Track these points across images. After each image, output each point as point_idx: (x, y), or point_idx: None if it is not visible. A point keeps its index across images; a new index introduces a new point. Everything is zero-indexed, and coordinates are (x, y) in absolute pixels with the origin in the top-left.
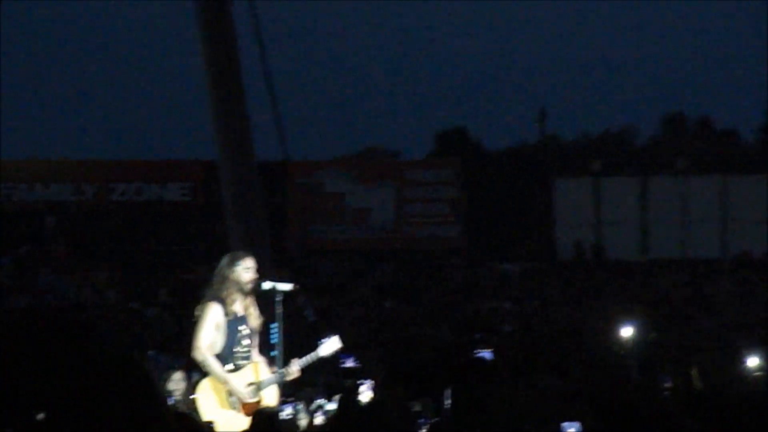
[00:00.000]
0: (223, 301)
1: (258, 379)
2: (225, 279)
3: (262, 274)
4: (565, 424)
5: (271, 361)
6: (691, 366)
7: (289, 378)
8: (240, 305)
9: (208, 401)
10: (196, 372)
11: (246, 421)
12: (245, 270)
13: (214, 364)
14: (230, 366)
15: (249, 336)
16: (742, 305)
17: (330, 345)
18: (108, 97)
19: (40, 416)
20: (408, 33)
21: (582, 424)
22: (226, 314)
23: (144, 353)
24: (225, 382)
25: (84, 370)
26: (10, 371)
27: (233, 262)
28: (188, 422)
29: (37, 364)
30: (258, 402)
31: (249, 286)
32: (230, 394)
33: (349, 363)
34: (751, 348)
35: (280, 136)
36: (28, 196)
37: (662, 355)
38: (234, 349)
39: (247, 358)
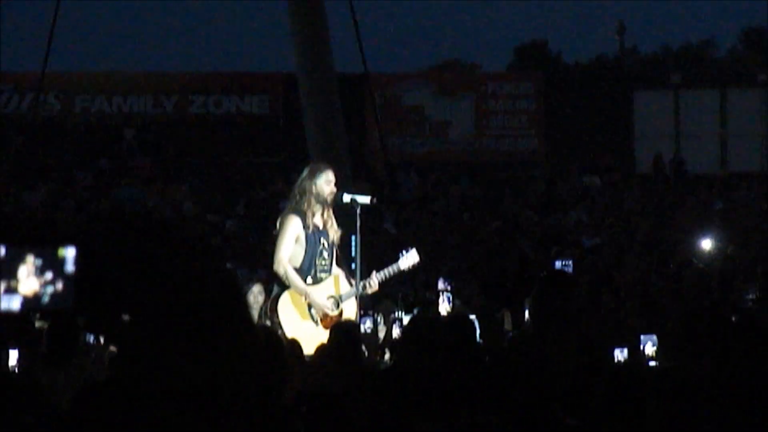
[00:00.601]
0: (303, 214)
1: (338, 292)
2: (305, 191)
3: (342, 186)
4: (643, 337)
5: (351, 274)
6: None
7: (370, 291)
8: (319, 218)
9: (288, 314)
10: (274, 285)
11: (325, 334)
12: (326, 182)
13: (294, 277)
14: (310, 279)
15: (329, 249)
16: None
17: (410, 258)
18: (186, 8)
19: (125, 318)
20: None
21: (659, 336)
22: (306, 227)
23: (223, 265)
24: (305, 295)
25: (170, 275)
26: (96, 274)
27: (314, 175)
28: (271, 335)
29: (123, 266)
30: (338, 315)
31: (329, 199)
32: (310, 306)
33: (442, 284)
34: None
35: (360, 49)
36: (107, 108)
37: (741, 268)
38: (314, 262)
39: (327, 270)
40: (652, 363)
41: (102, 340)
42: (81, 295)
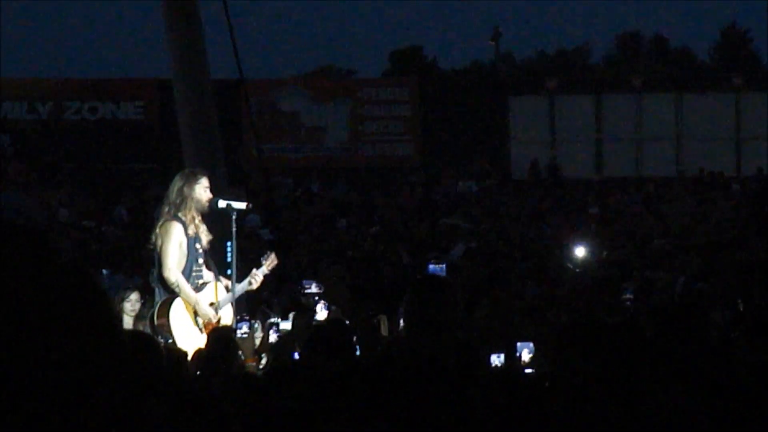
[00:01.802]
0: (182, 221)
1: (217, 298)
2: (184, 198)
3: (218, 192)
4: (520, 344)
5: (228, 279)
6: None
7: (255, 286)
8: (193, 225)
9: (179, 320)
10: (156, 291)
11: (203, 339)
12: (204, 189)
13: (185, 285)
14: (191, 285)
15: (203, 254)
16: (695, 224)
17: (270, 261)
18: (62, 14)
19: None
20: None
21: (535, 344)
22: (187, 233)
23: (98, 272)
24: (195, 303)
25: (34, 280)
26: None
27: (191, 182)
28: (143, 339)
29: None
30: (217, 321)
31: (206, 205)
32: (196, 314)
33: (313, 288)
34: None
35: (235, 54)
36: None
37: (617, 271)
38: (192, 268)
39: (201, 276)
40: (529, 370)
41: None
42: None
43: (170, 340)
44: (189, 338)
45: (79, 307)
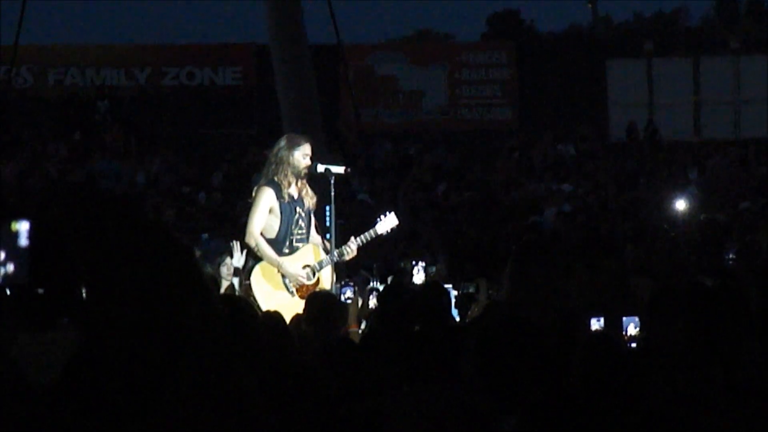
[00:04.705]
0: (277, 185)
1: (315, 261)
2: (281, 162)
3: (316, 156)
4: (626, 319)
5: (327, 243)
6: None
7: (347, 257)
8: (294, 188)
9: (261, 286)
10: (249, 258)
11: (301, 304)
12: (303, 156)
13: (265, 248)
14: (287, 249)
15: (305, 218)
16: None
17: (388, 222)
18: None
19: (83, 293)
20: None
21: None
22: (281, 197)
23: (197, 237)
24: (279, 265)
25: (127, 247)
26: (53, 248)
27: (292, 146)
28: (237, 304)
29: (82, 241)
30: (314, 284)
31: (304, 172)
32: (284, 277)
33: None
34: None
35: (333, 19)
36: (80, 81)
37: (718, 231)
38: (290, 231)
39: (305, 239)
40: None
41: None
42: (37, 270)
43: (255, 305)
44: (273, 302)
45: (170, 272)
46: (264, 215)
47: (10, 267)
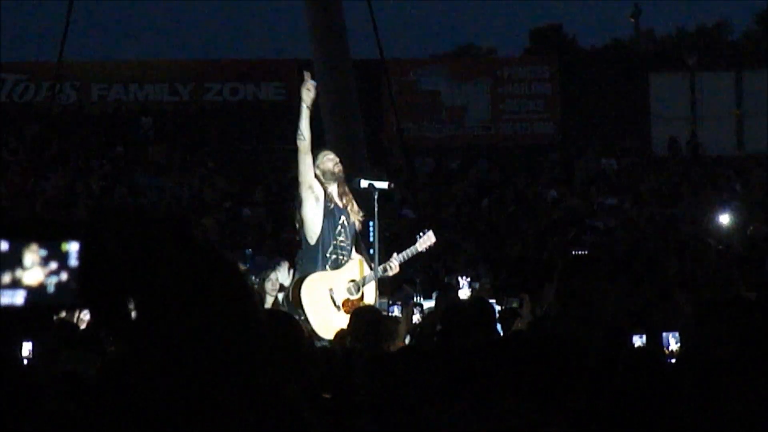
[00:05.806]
0: (315, 192)
1: (359, 276)
2: (315, 175)
3: (360, 172)
4: (665, 334)
5: (370, 259)
6: None
7: (391, 273)
8: (338, 197)
9: (308, 298)
10: (294, 270)
11: (345, 319)
12: (327, 159)
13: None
14: (329, 254)
15: (348, 229)
16: None
17: (426, 239)
18: None
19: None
20: None
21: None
22: (325, 192)
23: (242, 252)
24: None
25: (173, 264)
26: (101, 268)
27: (316, 158)
28: (281, 319)
29: (129, 259)
30: (359, 299)
31: (337, 171)
32: (331, 290)
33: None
34: None
35: (376, 34)
36: (123, 96)
37: (763, 249)
38: (333, 236)
39: (347, 252)
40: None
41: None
42: (85, 289)
43: (302, 317)
44: (322, 314)
45: (217, 288)
46: (310, 209)
47: (64, 276)
